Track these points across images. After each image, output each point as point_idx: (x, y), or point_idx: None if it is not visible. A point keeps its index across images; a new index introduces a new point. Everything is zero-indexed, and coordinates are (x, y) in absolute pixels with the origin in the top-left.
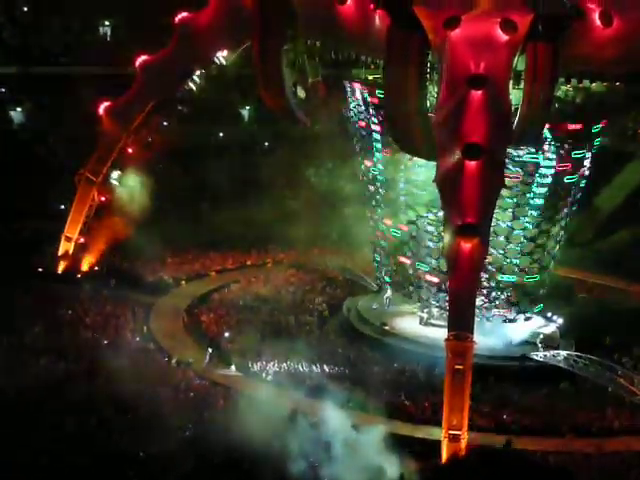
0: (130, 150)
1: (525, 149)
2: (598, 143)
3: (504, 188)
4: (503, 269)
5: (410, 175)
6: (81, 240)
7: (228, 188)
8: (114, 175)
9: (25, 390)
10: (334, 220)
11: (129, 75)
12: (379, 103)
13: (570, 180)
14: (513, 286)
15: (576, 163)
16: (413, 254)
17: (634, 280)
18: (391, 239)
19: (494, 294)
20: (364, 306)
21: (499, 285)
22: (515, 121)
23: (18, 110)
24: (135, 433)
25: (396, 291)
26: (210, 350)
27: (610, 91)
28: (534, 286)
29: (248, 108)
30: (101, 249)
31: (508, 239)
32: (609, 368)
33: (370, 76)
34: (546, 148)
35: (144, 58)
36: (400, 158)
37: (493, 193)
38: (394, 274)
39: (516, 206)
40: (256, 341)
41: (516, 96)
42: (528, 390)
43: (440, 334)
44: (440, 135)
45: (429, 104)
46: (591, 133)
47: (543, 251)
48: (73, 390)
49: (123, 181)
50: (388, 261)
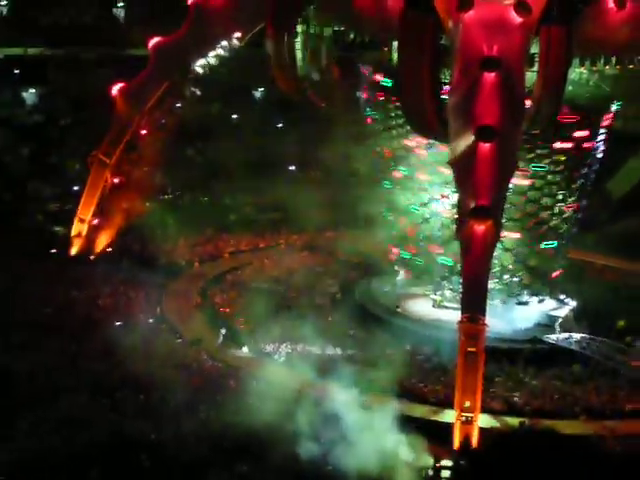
0: (143, 132)
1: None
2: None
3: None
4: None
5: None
6: (94, 222)
7: (241, 170)
8: (127, 157)
9: (37, 371)
10: (347, 202)
11: (143, 57)
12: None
13: (582, 162)
14: (525, 268)
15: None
16: (426, 237)
17: None
18: (404, 221)
19: (506, 276)
20: (377, 288)
21: (512, 267)
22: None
23: (31, 91)
24: (147, 415)
25: (409, 273)
26: (223, 331)
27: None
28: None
29: (261, 90)
30: (114, 231)
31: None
32: (621, 351)
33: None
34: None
35: (157, 40)
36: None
37: (506, 175)
38: (407, 257)
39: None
40: (268, 323)
41: (530, 78)
42: (541, 372)
43: (453, 316)
44: (453, 117)
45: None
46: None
47: (555, 233)
48: (85, 371)
49: (136, 163)
50: (401, 243)
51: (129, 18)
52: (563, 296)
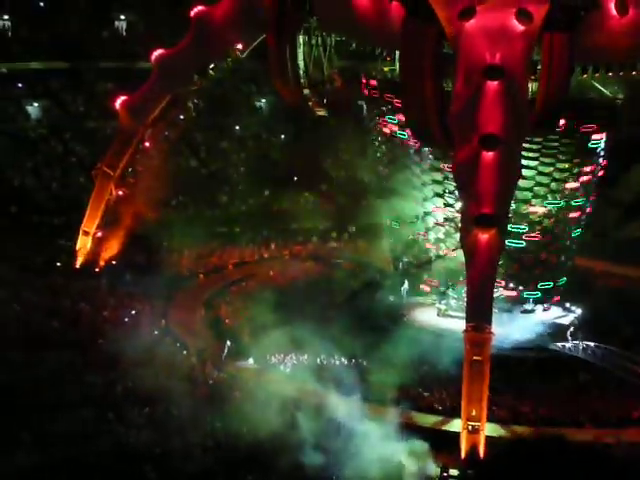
0: (147, 144)
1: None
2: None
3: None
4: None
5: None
6: (99, 234)
7: (245, 181)
8: (131, 169)
9: (42, 384)
10: (352, 212)
11: (145, 69)
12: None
13: (588, 168)
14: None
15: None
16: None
17: None
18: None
19: (512, 285)
20: (382, 298)
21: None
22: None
23: (35, 105)
24: (152, 427)
25: (414, 283)
26: (228, 343)
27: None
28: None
29: (264, 100)
30: (119, 243)
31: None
32: (628, 358)
33: (386, 68)
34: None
35: (160, 52)
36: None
37: (510, 183)
38: (411, 265)
39: (534, 196)
40: (274, 333)
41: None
42: (546, 381)
43: (458, 325)
44: (456, 126)
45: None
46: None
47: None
48: (90, 384)
49: (140, 175)
50: (406, 252)
51: (131, 31)
52: (569, 304)
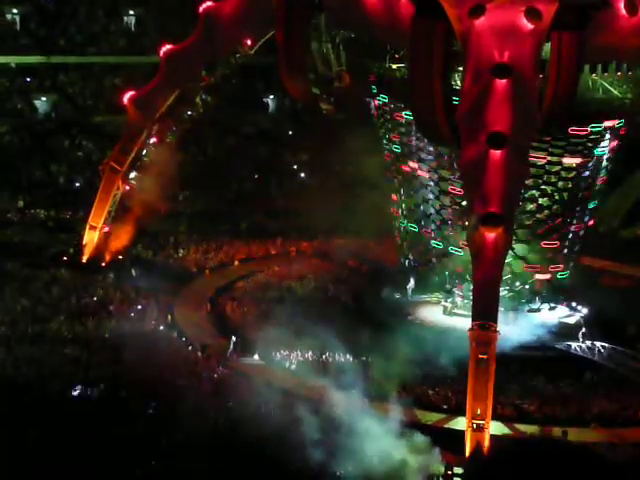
0: (154, 139)
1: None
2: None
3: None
4: (527, 259)
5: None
6: (105, 229)
7: (252, 177)
8: (138, 164)
9: (49, 378)
10: (358, 209)
11: (153, 64)
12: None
13: (593, 170)
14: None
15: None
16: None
17: None
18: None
19: (518, 283)
20: (387, 295)
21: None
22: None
23: (43, 99)
24: (158, 422)
25: (420, 281)
26: (234, 339)
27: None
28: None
29: (272, 97)
30: (125, 238)
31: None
32: (633, 358)
33: (394, 66)
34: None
35: (168, 47)
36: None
37: (518, 182)
38: (418, 263)
39: (541, 195)
40: (279, 330)
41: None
42: (552, 380)
43: (464, 324)
44: (464, 124)
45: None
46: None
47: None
48: (97, 378)
49: (147, 170)
50: (412, 250)
51: (140, 26)
52: (575, 303)
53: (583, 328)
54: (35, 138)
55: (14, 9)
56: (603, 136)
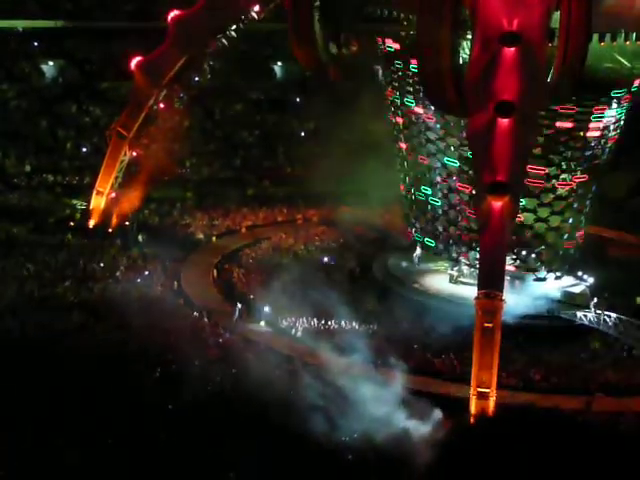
0: (162, 105)
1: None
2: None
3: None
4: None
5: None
6: (112, 195)
7: (259, 144)
8: (145, 130)
9: (56, 344)
10: (365, 177)
11: (162, 30)
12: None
13: (603, 139)
14: (544, 245)
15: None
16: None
17: None
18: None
19: (524, 253)
20: (394, 264)
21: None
22: (548, 78)
23: (50, 64)
24: (164, 386)
25: (426, 249)
26: (239, 306)
27: None
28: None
29: (280, 64)
30: (132, 204)
31: (539, 198)
32: (637, 327)
33: (403, 33)
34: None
35: (176, 13)
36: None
37: (525, 151)
38: (425, 231)
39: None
40: (285, 297)
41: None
42: (557, 349)
43: (470, 292)
44: (472, 92)
45: (462, 61)
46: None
47: (574, 210)
48: (103, 344)
49: (154, 136)
50: (419, 218)
51: None
52: (581, 273)
53: (594, 299)
54: (42, 103)
55: None
56: (610, 105)
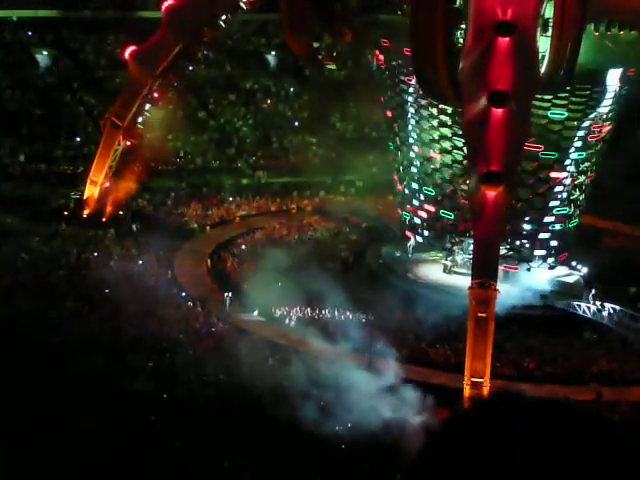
0: (156, 95)
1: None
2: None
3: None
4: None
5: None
6: (106, 184)
7: (253, 133)
8: (139, 120)
9: (49, 333)
10: (359, 166)
11: (155, 19)
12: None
13: (598, 128)
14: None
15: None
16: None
17: None
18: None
19: (518, 242)
20: (387, 253)
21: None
22: (542, 69)
23: (44, 53)
24: (158, 377)
25: (420, 238)
26: (232, 295)
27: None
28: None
29: (273, 53)
30: (126, 193)
31: (533, 187)
32: (633, 318)
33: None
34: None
35: (170, 2)
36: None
37: (519, 141)
38: (419, 221)
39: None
40: (279, 286)
41: (543, 44)
42: (551, 338)
43: (464, 282)
44: (466, 82)
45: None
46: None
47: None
48: (97, 333)
49: (148, 126)
50: (412, 207)
51: None
52: (575, 262)
53: (592, 290)
54: (36, 92)
55: None
56: (604, 95)
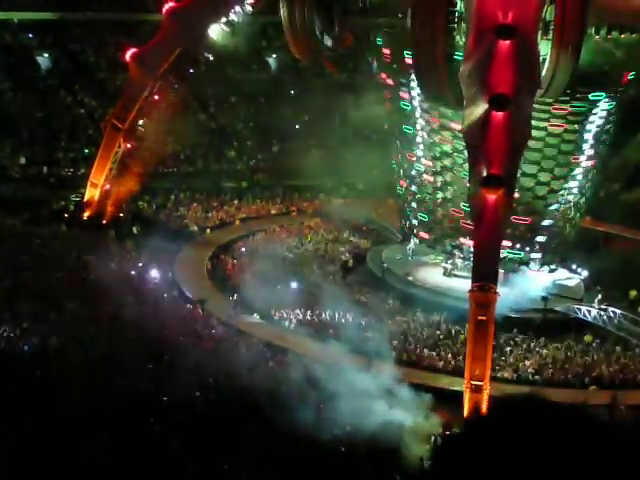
0: (156, 97)
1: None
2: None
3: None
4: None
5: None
6: (107, 186)
7: (253, 136)
8: (140, 122)
9: (49, 336)
10: (359, 169)
11: (157, 22)
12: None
13: (596, 130)
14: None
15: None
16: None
17: None
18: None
19: (518, 246)
20: (388, 256)
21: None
22: (543, 72)
23: (45, 56)
24: (158, 379)
25: (420, 242)
26: (233, 297)
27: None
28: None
29: (274, 56)
30: (127, 196)
31: (533, 191)
32: (633, 321)
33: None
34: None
35: (171, 5)
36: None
37: (519, 144)
38: (419, 224)
39: (542, 157)
40: (279, 289)
41: (544, 47)
42: (551, 342)
43: (464, 285)
44: (467, 85)
45: (457, 53)
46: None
47: (568, 203)
48: (97, 336)
49: (149, 128)
50: (413, 211)
51: None
52: (575, 265)
53: (599, 295)
54: (37, 94)
55: None
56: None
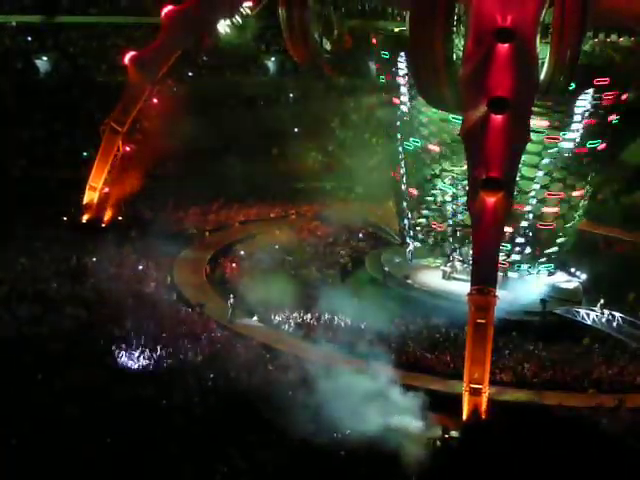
0: (155, 100)
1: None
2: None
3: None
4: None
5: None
6: (105, 190)
7: (253, 140)
8: (139, 125)
9: (49, 339)
10: (358, 172)
11: (155, 25)
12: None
13: (597, 134)
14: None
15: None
16: (436, 207)
17: None
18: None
19: (518, 249)
20: (387, 259)
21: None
22: (542, 75)
23: (44, 59)
24: (157, 383)
25: (419, 244)
26: (232, 301)
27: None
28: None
29: (273, 59)
30: (126, 199)
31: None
32: (632, 324)
33: (396, 28)
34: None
35: (170, 8)
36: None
37: (518, 147)
38: (418, 227)
39: (541, 160)
40: (279, 292)
41: (543, 50)
42: (550, 345)
43: (463, 288)
44: (466, 88)
45: (456, 57)
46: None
47: (568, 206)
48: (96, 339)
49: (148, 131)
50: (412, 214)
51: None
52: (573, 269)
53: (601, 299)
54: (36, 97)
55: None
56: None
